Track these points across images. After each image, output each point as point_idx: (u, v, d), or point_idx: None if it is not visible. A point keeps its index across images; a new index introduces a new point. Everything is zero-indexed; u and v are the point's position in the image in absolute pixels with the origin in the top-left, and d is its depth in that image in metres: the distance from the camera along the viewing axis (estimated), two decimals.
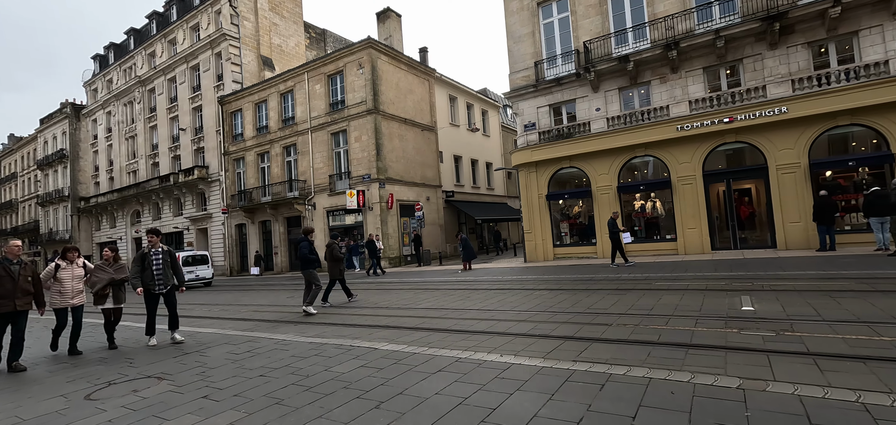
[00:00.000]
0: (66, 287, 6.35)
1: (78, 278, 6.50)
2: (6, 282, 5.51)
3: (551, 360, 4.28)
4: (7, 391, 4.83)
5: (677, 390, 3.30)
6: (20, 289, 5.59)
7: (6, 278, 5.52)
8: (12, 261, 5.66)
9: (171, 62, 33.31)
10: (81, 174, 41.94)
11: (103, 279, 6.67)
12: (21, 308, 5.63)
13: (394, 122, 24.16)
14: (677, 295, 7.43)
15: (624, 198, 16.63)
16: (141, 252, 6.65)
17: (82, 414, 3.88)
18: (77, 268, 6.53)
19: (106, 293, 6.68)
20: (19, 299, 5.59)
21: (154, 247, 6.74)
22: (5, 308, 5.50)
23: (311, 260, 9.09)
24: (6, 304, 5.50)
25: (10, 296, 5.51)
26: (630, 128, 15.98)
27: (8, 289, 5.51)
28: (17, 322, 5.68)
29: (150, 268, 6.61)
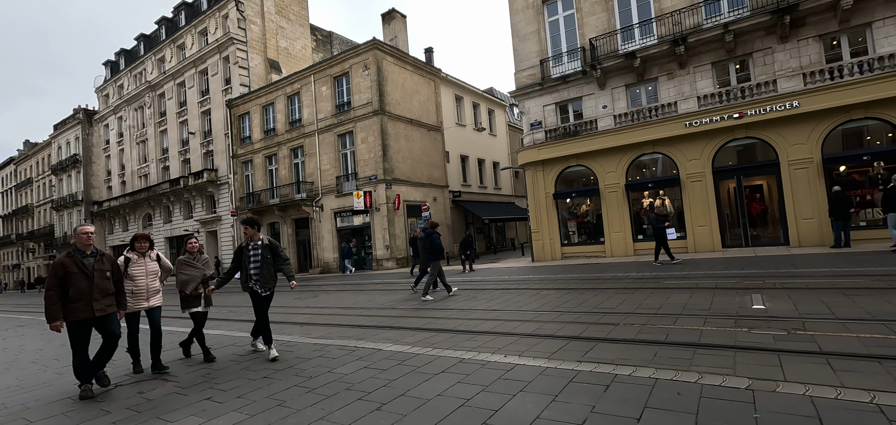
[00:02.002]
0: (139, 285, 5.16)
1: (152, 274, 5.33)
2: (80, 281, 4.27)
3: (556, 361, 4.22)
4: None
5: (684, 391, 3.23)
6: (98, 287, 4.36)
7: (79, 276, 4.28)
8: (85, 253, 4.43)
9: (180, 67, 33.70)
10: (94, 178, 42.61)
11: (194, 277, 5.60)
12: (101, 312, 4.36)
13: (400, 123, 24.18)
14: (686, 293, 7.31)
15: (632, 196, 16.45)
16: (238, 247, 5.57)
17: (87, 415, 3.91)
18: (151, 262, 5.33)
19: (198, 292, 5.64)
20: (98, 301, 4.35)
21: (251, 240, 5.47)
22: (81, 313, 4.26)
23: (439, 249, 10.03)
24: (82, 309, 4.26)
25: (85, 297, 4.27)
26: (637, 126, 15.81)
27: (83, 290, 4.27)
28: (106, 326, 4.47)
29: (247, 265, 5.45)
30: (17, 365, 6.44)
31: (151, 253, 5.40)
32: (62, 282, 4.25)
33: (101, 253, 4.58)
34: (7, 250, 57.46)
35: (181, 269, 5.64)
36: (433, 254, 9.85)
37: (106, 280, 4.48)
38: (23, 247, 53.23)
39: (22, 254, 53.82)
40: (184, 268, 5.64)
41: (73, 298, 4.25)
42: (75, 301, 4.25)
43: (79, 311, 4.26)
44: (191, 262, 5.68)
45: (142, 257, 5.29)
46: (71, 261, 4.33)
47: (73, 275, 4.28)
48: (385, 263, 22.62)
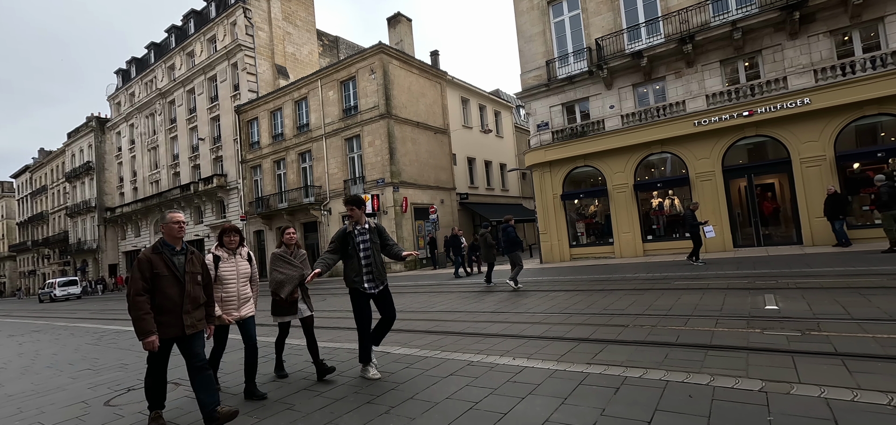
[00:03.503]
0: (229, 291, 4.12)
1: (244, 277, 4.25)
2: (169, 287, 3.30)
3: (565, 363, 4.19)
4: None
5: (696, 393, 3.19)
6: (189, 296, 3.37)
7: (169, 280, 3.30)
8: (175, 250, 3.42)
9: (189, 74, 34.16)
10: (107, 185, 43.30)
11: (292, 277, 4.44)
12: (192, 329, 3.37)
13: (406, 126, 24.25)
14: (697, 294, 7.23)
15: (641, 196, 16.32)
16: (341, 231, 4.40)
17: (101, 419, 3.96)
18: (242, 262, 4.26)
19: (295, 297, 4.50)
20: (189, 314, 3.35)
21: (358, 224, 4.40)
22: (169, 330, 3.28)
23: (517, 241, 10.45)
24: (170, 325, 3.28)
25: (175, 309, 3.29)
26: (645, 125, 15.69)
27: (173, 298, 3.29)
28: (191, 346, 3.40)
29: (355, 255, 4.29)
30: (32, 370, 6.54)
31: (242, 250, 4.33)
32: (151, 287, 3.27)
33: (191, 250, 3.54)
34: (24, 256, 58.55)
35: (276, 267, 4.46)
36: (511, 246, 10.49)
37: (198, 286, 3.47)
38: (38, 254, 54.20)
39: (38, 261, 54.79)
40: (279, 266, 4.46)
41: (160, 308, 3.25)
42: (163, 312, 3.25)
43: (166, 327, 3.26)
44: (287, 258, 4.50)
45: (232, 255, 4.20)
46: (159, 258, 3.31)
47: (161, 278, 3.27)
48: (393, 266, 22.66)
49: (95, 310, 18.97)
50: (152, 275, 3.28)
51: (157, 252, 3.36)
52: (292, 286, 4.44)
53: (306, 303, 4.65)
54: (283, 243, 4.64)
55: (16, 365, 7.06)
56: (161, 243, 3.43)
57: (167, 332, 3.29)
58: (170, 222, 3.45)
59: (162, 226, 3.50)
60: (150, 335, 3.17)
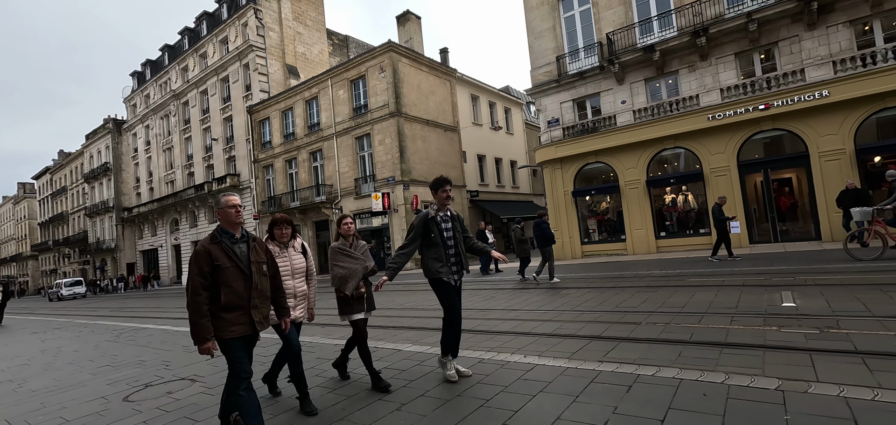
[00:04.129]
0: (286, 286, 3.66)
1: (299, 272, 3.86)
2: (234, 279, 2.88)
3: (576, 361, 4.16)
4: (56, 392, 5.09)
5: (710, 392, 3.14)
6: (257, 288, 2.97)
7: (232, 272, 2.88)
8: (234, 237, 2.99)
9: (202, 75, 34.64)
10: (124, 185, 44.18)
11: (355, 270, 4.01)
12: (263, 326, 3.02)
13: (416, 124, 24.28)
14: (711, 291, 7.12)
15: (654, 192, 16.13)
16: (422, 216, 3.97)
17: (120, 415, 4.05)
18: (296, 256, 3.86)
19: (361, 292, 4.04)
20: (258, 309, 2.97)
21: (441, 210, 4.04)
22: (238, 328, 2.87)
23: (549, 236, 10.73)
24: (239, 322, 2.87)
25: (242, 304, 2.89)
26: (658, 120, 15.49)
27: (239, 292, 2.89)
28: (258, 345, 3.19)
29: (440, 242, 3.92)
30: (54, 367, 6.72)
31: (295, 243, 3.91)
32: (211, 282, 2.83)
33: (253, 237, 3.13)
34: (45, 256, 60.11)
35: (337, 261, 4.03)
36: (544, 241, 10.78)
37: (264, 277, 3.06)
38: (59, 253, 55.59)
39: (59, 260, 56.20)
40: (340, 260, 4.03)
41: (227, 305, 2.83)
42: (229, 309, 2.84)
43: (234, 325, 2.84)
44: (348, 251, 4.05)
45: (284, 249, 3.80)
46: (219, 248, 2.89)
47: (224, 271, 2.85)
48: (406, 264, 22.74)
49: (115, 308, 19.40)
50: (213, 268, 2.83)
51: (215, 241, 2.91)
52: (357, 280, 4.01)
53: (369, 301, 4.19)
54: (340, 235, 4.15)
55: (39, 362, 7.25)
56: (219, 231, 2.97)
57: (236, 331, 2.85)
58: (226, 206, 2.99)
59: (217, 211, 3.04)
60: (205, 341, 2.75)
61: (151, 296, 26.87)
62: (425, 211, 4.02)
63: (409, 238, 3.98)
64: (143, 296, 27.91)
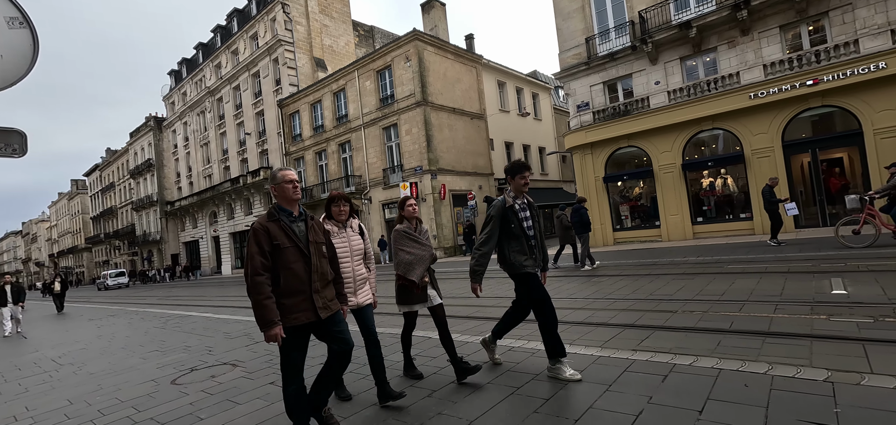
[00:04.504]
0: (344, 271, 3.33)
1: (358, 255, 3.50)
2: (294, 261, 2.65)
3: (609, 350, 4.09)
4: (107, 373, 5.46)
5: (752, 382, 3.02)
6: (317, 271, 2.73)
7: (293, 252, 2.66)
8: (292, 215, 2.77)
9: (234, 71, 35.69)
10: (166, 180, 46.34)
11: (422, 257, 3.72)
12: (326, 311, 2.74)
13: (443, 113, 24.22)
14: (753, 278, 6.82)
15: (690, 176, 15.52)
16: (499, 205, 3.64)
17: (169, 396, 4.30)
18: (354, 236, 3.52)
19: (426, 281, 3.76)
20: (320, 293, 2.72)
21: (518, 197, 3.70)
22: (300, 316, 2.64)
23: (587, 223, 10.81)
24: (300, 308, 2.64)
25: (303, 288, 2.66)
26: (694, 101, 14.83)
27: (300, 275, 2.65)
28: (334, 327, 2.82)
29: (521, 233, 3.61)
30: (109, 351, 7.19)
31: (353, 222, 3.59)
32: (272, 263, 2.59)
33: (311, 216, 2.88)
34: (98, 248, 64.08)
35: (402, 246, 3.73)
36: (582, 227, 10.81)
37: (324, 259, 2.82)
38: (110, 245, 59.12)
39: (110, 252, 59.79)
40: (406, 244, 3.73)
41: (287, 289, 2.59)
42: (289, 293, 2.60)
43: (295, 311, 2.61)
44: (414, 236, 3.75)
45: (342, 229, 3.47)
46: (277, 227, 2.64)
47: (284, 251, 2.61)
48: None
49: (161, 297, 20.51)
50: (272, 247, 2.58)
51: (273, 219, 2.67)
52: (423, 268, 3.69)
53: (435, 288, 3.88)
54: (404, 217, 3.83)
55: (95, 347, 7.78)
56: (276, 208, 2.73)
57: (298, 318, 2.61)
58: (283, 181, 2.74)
59: (273, 187, 2.78)
60: (272, 325, 2.47)
61: (194, 286, 28.25)
62: (500, 199, 3.68)
63: (487, 232, 3.62)
64: (186, 286, 29.39)
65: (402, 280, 3.72)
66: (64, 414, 4.16)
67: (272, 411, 3.57)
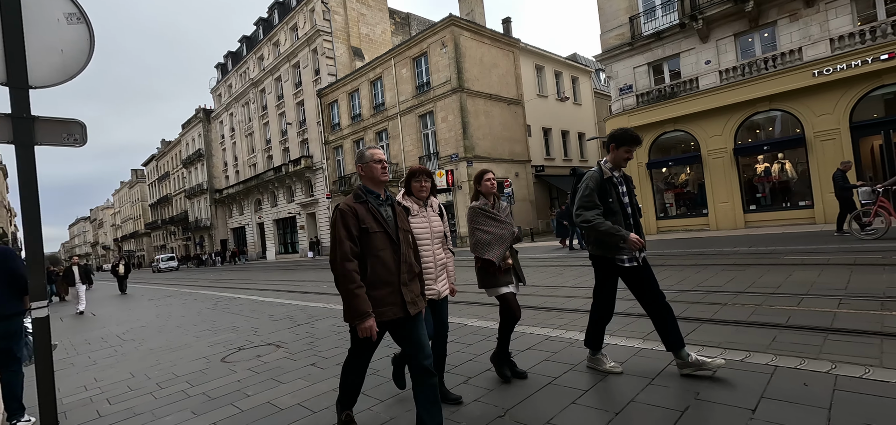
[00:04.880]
0: (425, 256, 2.89)
1: (438, 238, 3.03)
2: (383, 248, 2.38)
3: (652, 342, 3.93)
4: (165, 350, 5.85)
5: (812, 381, 2.80)
6: (405, 262, 2.45)
7: (382, 239, 2.39)
8: (379, 197, 2.50)
9: (276, 63, 36.83)
10: (214, 169, 48.80)
11: (502, 236, 3.33)
12: (414, 307, 2.42)
13: (479, 99, 23.98)
14: (813, 270, 6.34)
15: (742, 161, 14.60)
16: (595, 175, 3.23)
17: (219, 373, 4.55)
18: (434, 217, 3.04)
19: (509, 263, 3.36)
20: (407, 286, 2.42)
21: (616, 170, 3.28)
22: (389, 311, 2.34)
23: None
24: (389, 301, 2.34)
25: (391, 279, 2.37)
26: (749, 80, 13.86)
27: (389, 265, 2.38)
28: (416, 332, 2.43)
29: (619, 210, 3.22)
30: (166, 329, 7.70)
31: (433, 201, 3.12)
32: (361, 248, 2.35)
33: (395, 199, 2.66)
34: (156, 233, 68.72)
35: (479, 225, 3.38)
36: None
37: (410, 249, 2.55)
38: (166, 231, 63.23)
39: (166, 237, 63.96)
40: (483, 223, 3.38)
41: (374, 280, 2.32)
42: (377, 285, 2.33)
43: (383, 305, 2.32)
44: (491, 213, 3.40)
45: (423, 208, 3.00)
46: (365, 209, 2.39)
47: (372, 237, 2.35)
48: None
49: (212, 280, 21.75)
50: (360, 231, 2.33)
51: (360, 200, 2.42)
52: (505, 247, 3.32)
53: (517, 273, 3.46)
54: (480, 193, 3.49)
55: (154, 325, 8.35)
56: (363, 189, 2.48)
57: (385, 314, 2.31)
58: (371, 161, 2.49)
59: (359, 167, 2.54)
60: (365, 317, 2.21)
61: (240, 270, 29.76)
62: (595, 170, 3.28)
63: (585, 198, 3.16)
64: (234, 270, 31.02)
65: (481, 261, 3.34)
66: (127, 386, 4.49)
67: (313, 391, 3.69)
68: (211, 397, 3.82)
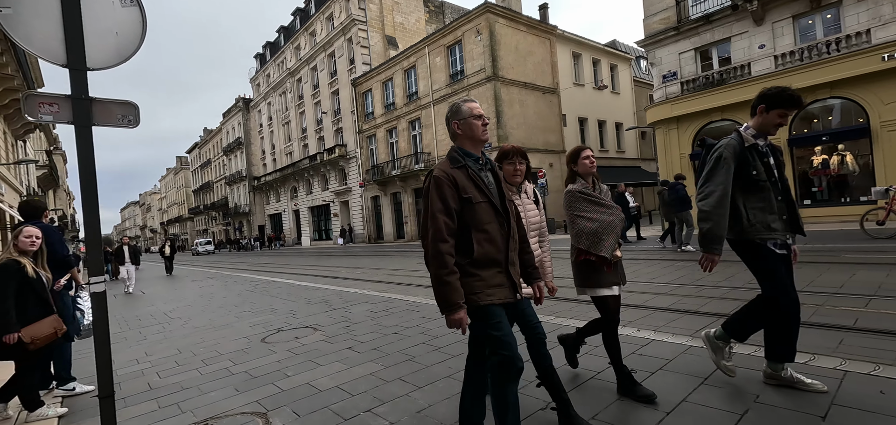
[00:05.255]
0: None
1: (535, 228, 2.75)
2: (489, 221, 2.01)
3: (700, 339, 3.71)
4: (208, 328, 6.08)
5: (890, 389, 2.55)
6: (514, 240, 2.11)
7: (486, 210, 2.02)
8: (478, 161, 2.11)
9: (312, 52, 37.49)
10: (253, 157, 50.50)
11: (611, 224, 2.76)
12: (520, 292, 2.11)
13: (513, 88, 23.57)
14: (880, 271, 5.85)
15: (797, 153, 13.68)
16: (732, 143, 2.63)
17: (259, 353, 4.67)
18: (529, 204, 2.75)
19: (617, 255, 2.79)
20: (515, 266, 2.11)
21: (761, 137, 2.66)
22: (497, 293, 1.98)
23: (687, 200, 10.13)
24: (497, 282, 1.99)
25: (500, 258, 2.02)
26: (808, 66, 12.92)
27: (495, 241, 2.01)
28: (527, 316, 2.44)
29: (766, 185, 2.61)
30: (209, 309, 8.03)
31: (527, 186, 2.81)
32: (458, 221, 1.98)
33: (493, 162, 2.24)
34: (198, 218, 72.11)
35: (581, 211, 2.80)
36: (681, 204, 10.10)
37: (516, 221, 2.16)
38: (208, 216, 66.19)
39: (208, 221, 66.98)
40: (586, 209, 2.79)
41: (482, 258, 1.96)
42: (484, 263, 1.97)
43: (491, 286, 1.97)
44: (594, 197, 2.82)
45: (516, 193, 2.69)
46: (464, 175, 2.02)
47: (476, 208, 1.98)
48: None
49: (250, 263, 22.58)
50: (461, 202, 1.95)
51: (457, 165, 2.03)
52: (614, 238, 2.72)
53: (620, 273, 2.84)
54: (577, 174, 2.90)
55: (198, 305, 8.73)
56: (459, 151, 2.07)
57: (495, 295, 1.94)
58: (469, 116, 2.07)
59: (455, 123, 2.10)
60: (456, 308, 1.86)
61: (277, 254, 30.77)
62: (733, 137, 2.65)
63: (711, 173, 2.59)
64: (271, 254, 32.11)
65: (584, 255, 2.76)
66: (175, 362, 4.69)
67: (351, 374, 3.71)
68: (253, 376, 3.92)
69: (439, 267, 1.91)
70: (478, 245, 1.97)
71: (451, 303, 1.89)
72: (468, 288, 1.94)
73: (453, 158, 2.09)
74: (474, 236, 1.97)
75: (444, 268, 1.90)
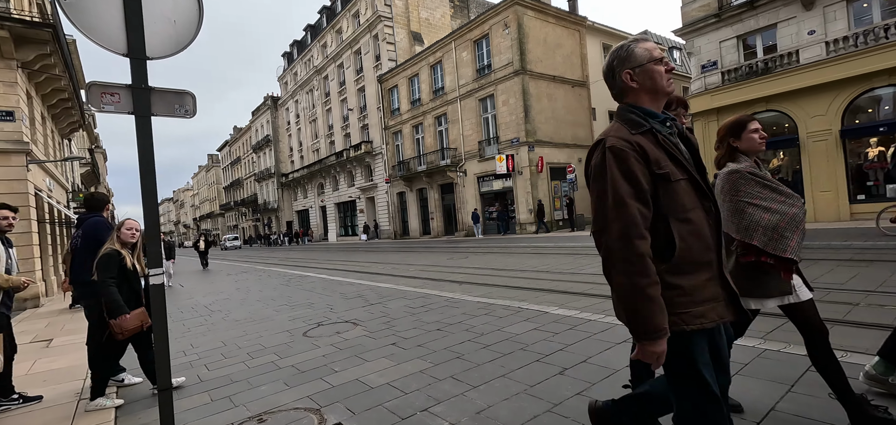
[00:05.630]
0: None
1: None
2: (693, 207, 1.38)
3: (775, 342, 3.44)
4: (251, 321, 6.13)
5: None
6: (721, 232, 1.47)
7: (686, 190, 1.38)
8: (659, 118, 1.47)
9: (338, 50, 37.84)
10: (281, 154, 51.50)
11: (795, 217, 2.10)
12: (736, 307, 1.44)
13: (542, 81, 23.13)
14: None
15: (849, 145, 12.88)
16: None
17: (303, 347, 4.64)
18: None
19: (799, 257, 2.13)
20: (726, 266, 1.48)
21: None
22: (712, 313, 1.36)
23: None
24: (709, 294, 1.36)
25: (710, 259, 1.39)
26: (864, 52, 12.11)
27: (703, 234, 1.38)
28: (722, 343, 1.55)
29: None
30: (247, 302, 8.13)
31: None
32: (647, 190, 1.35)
33: (678, 121, 1.58)
34: (229, 213, 74.24)
35: (752, 196, 2.16)
36: None
37: None
38: (238, 212, 68.04)
39: (238, 217, 68.85)
40: (759, 195, 2.15)
41: (685, 259, 1.36)
42: (688, 268, 1.36)
43: (703, 303, 1.37)
44: (768, 181, 2.19)
45: None
46: (652, 142, 1.42)
47: (672, 187, 1.38)
48: (528, 228, 22.37)
49: (281, 258, 23.00)
50: (653, 179, 1.37)
51: (641, 130, 1.43)
52: (800, 235, 2.12)
53: (798, 270, 2.23)
54: (739, 151, 2.31)
55: (236, 298, 8.86)
56: (639, 111, 1.48)
57: (708, 316, 1.37)
58: (649, 61, 1.49)
59: (627, 73, 1.51)
60: (657, 332, 1.30)
61: (305, 249, 31.30)
62: None
63: None
64: (300, 249, 32.69)
65: (752, 254, 2.13)
66: (221, 354, 4.71)
67: (399, 371, 3.61)
68: (300, 370, 3.88)
69: (638, 274, 1.29)
70: (680, 241, 1.34)
71: (655, 328, 1.29)
72: (667, 305, 1.33)
73: (631, 120, 1.45)
74: (674, 228, 1.35)
75: (646, 276, 1.29)
